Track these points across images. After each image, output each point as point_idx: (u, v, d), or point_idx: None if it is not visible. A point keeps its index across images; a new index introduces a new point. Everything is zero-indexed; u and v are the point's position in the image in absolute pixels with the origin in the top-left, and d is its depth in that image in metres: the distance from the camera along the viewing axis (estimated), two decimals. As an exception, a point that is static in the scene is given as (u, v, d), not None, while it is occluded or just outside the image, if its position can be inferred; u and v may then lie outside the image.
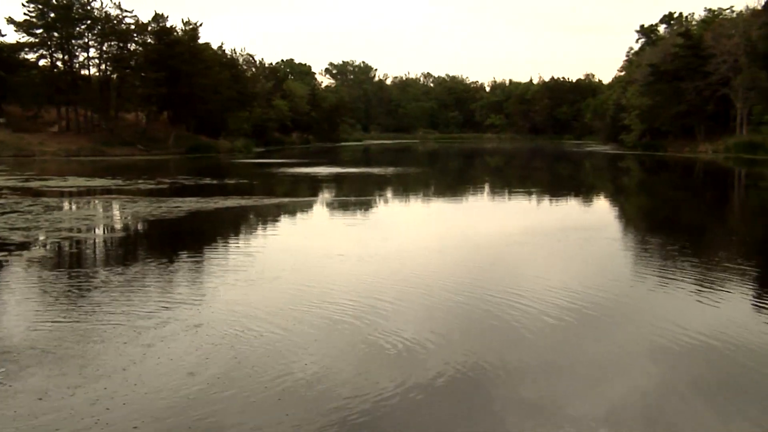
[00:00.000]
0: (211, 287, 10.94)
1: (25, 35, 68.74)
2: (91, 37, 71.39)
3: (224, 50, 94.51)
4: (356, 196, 28.78)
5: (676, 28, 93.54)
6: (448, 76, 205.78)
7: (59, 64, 71.98)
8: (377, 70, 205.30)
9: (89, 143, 65.50)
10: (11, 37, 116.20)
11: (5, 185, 30.33)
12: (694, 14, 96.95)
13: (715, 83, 67.33)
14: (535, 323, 8.93)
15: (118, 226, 18.95)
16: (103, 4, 77.69)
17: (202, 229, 19.07)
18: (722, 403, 6.50)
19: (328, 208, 24.16)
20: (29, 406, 6.22)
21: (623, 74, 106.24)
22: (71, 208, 23.20)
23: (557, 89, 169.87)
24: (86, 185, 31.74)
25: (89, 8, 70.59)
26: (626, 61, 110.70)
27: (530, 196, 29.28)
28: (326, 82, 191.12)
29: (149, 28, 74.34)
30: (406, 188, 33.46)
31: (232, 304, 9.81)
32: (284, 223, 20.31)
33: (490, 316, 9.27)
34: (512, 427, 5.97)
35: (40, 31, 68.92)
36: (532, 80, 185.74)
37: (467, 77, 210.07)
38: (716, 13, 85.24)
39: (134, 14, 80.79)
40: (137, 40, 74.38)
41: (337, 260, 13.43)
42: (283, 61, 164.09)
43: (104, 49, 72.35)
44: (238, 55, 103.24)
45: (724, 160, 57.64)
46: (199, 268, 12.76)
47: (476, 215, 22.16)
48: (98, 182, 33.38)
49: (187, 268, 12.77)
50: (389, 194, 30.24)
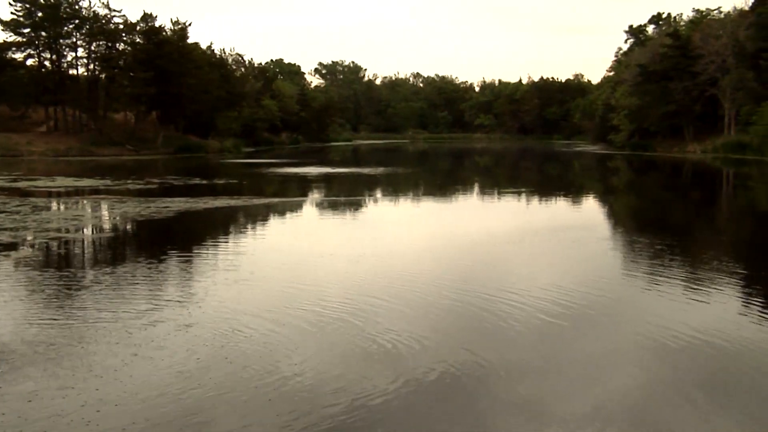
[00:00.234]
0: (201, 287, 10.91)
1: (12, 35, 68.20)
2: (79, 36, 70.91)
3: (213, 50, 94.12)
4: (346, 196, 28.76)
5: (664, 28, 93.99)
6: (437, 76, 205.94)
7: (47, 63, 71.46)
8: (367, 70, 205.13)
9: (77, 143, 65.11)
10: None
11: (-7, 185, 30.11)
12: (682, 15, 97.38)
13: (703, 83, 67.67)
14: (528, 322, 8.96)
15: (106, 226, 18.86)
16: (91, 3, 76.73)
17: (191, 229, 19.02)
18: (713, 400, 6.55)
19: (317, 208, 24.13)
20: (18, 408, 6.17)
21: (612, 74, 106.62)
22: (59, 208, 23.06)
23: (546, 89, 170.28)
24: (74, 185, 31.56)
25: (77, 8, 70.10)
26: (615, 61, 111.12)
27: (520, 196, 29.35)
28: (316, 82, 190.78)
29: (138, 27, 73.87)
30: (395, 188, 33.46)
31: (222, 303, 9.79)
32: (274, 223, 20.27)
33: (482, 315, 9.29)
34: (506, 426, 5.99)
35: (27, 30, 68.41)
36: (521, 80, 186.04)
37: (457, 77, 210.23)
38: (704, 13, 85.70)
39: (123, 14, 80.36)
40: (126, 39, 73.91)
41: (327, 260, 13.42)
42: (272, 60, 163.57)
43: (92, 48, 71.88)
44: (227, 54, 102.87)
45: (712, 160, 57.97)
46: (189, 268, 12.72)
47: (467, 215, 22.19)
48: (87, 182, 33.19)
49: (177, 268, 12.72)
50: (379, 194, 30.24)
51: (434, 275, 11.98)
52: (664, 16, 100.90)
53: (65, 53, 71.69)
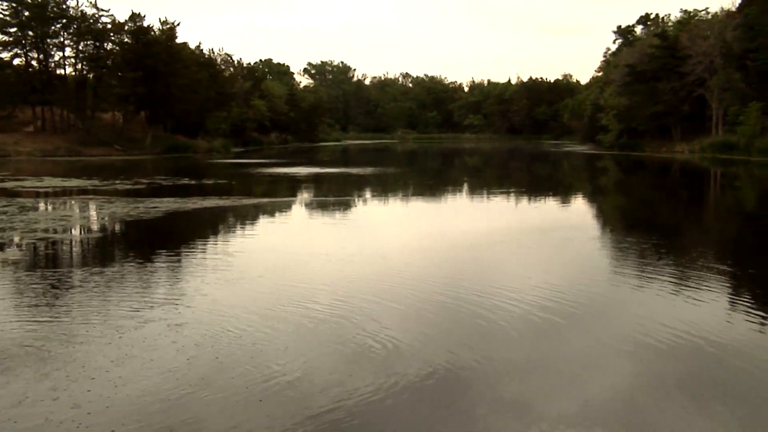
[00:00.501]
0: (191, 287, 10.86)
1: (-1, 34, 67.84)
2: (66, 36, 70.52)
3: (202, 50, 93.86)
4: (335, 196, 28.73)
5: (652, 29, 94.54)
6: (426, 76, 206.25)
7: (34, 63, 71.03)
8: (356, 70, 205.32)
9: (65, 143, 64.74)
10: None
11: (-20, 186, 29.89)
12: (670, 15, 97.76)
13: (691, 84, 68.05)
14: (520, 321, 8.97)
15: (95, 226, 18.75)
16: (78, 2, 76.60)
17: (181, 229, 18.95)
18: (701, 399, 6.59)
19: (307, 208, 24.10)
20: (8, 411, 6.13)
21: (600, 75, 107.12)
22: (47, 208, 22.91)
23: (535, 89, 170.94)
24: (62, 185, 31.36)
25: (64, 7, 69.67)
26: (603, 61, 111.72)
27: (510, 196, 29.41)
28: (305, 82, 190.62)
29: (126, 27, 73.51)
30: (385, 188, 33.44)
31: (213, 303, 9.76)
32: (264, 223, 20.22)
33: (475, 313, 9.29)
34: (497, 424, 6.00)
35: (14, 29, 67.96)
36: (510, 80, 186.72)
37: (446, 77, 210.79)
38: (692, 14, 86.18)
39: (111, 13, 79.38)
40: (114, 39, 73.57)
41: (318, 259, 13.39)
42: (261, 60, 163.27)
43: (80, 48, 71.50)
44: (216, 54, 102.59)
45: (700, 160, 58.29)
46: (179, 268, 12.66)
47: (457, 215, 22.22)
48: (75, 182, 32.99)
49: (167, 268, 12.66)
50: (368, 194, 30.21)
51: (425, 274, 11.98)
52: (652, 16, 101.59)
53: (53, 53, 71.33)
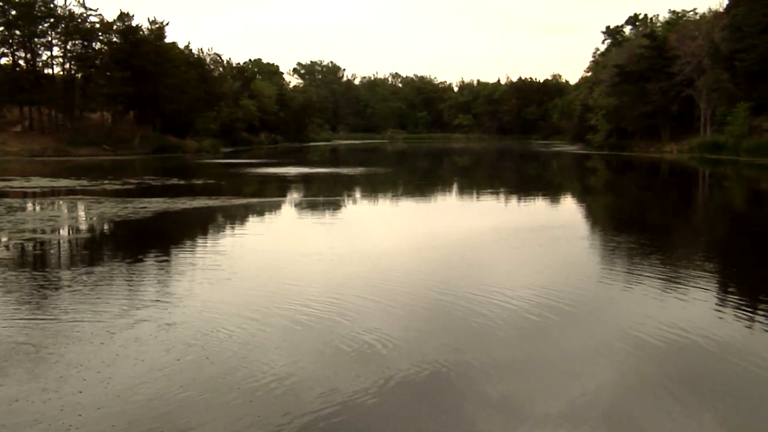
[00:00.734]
0: (182, 287, 10.82)
1: (-15, 33, 67.39)
2: (54, 35, 70.13)
3: (191, 50, 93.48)
4: (325, 196, 28.70)
5: (641, 29, 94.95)
6: (416, 76, 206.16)
7: (21, 62, 70.64)
8: (345, 70, 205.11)
9: (53, 143, 64.40)
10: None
11: (-33, 186, 29.66)
12: (658, 16, 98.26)
13: (679, 84, 68.37)
14: (512, 320, 8.98)
15: (83, 227, 18.65)
16: (66, 2, 75.91)
17: (170, 229, 18.86)
18: (691, 398, 6.62)
19: (297, 208, 24.05)
20: (0, 412, 6.08)
21: (590, 75, 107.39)
22: (35, 209, 22.74)
23: (525, 89, 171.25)
24: (50, 186, 31.17)
25: (52, 6, 69.26)
26: (592, 61, 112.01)
27: (500, 195, 29.46)
28: (294, 82, 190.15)
29: (114, 27, 73.17)
30: (375, 188, 33.42)
31: (204, 303, 9.73)
32: (254, 223, 20.16)
33: (467, 313, 9.30)
34: (489, 424, 6.00)
35: (1, 29, 67.57)
36: (499, 80, 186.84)
37: (435, 77, 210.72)
38: (680, 15, 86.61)
39: (99, 13, 79.20)
40: (102, 39, 73.24)
41: (309, 259, 13.35)
42: (250, 60, 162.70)
43: (68, 47, 71.13)
44: (205, 54, 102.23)
45: (688, 160, 58.60)
46: (169, 268, 12.61)
47: (448, 215, 22.23)
48: (63, 183, 32.81)
49: (157, 268, 12.60)
50: (358, 194, 30.20)
51: (416, 274, 11.97)
52: (640, 17, 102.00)
53: (40, 52, 70.93)
